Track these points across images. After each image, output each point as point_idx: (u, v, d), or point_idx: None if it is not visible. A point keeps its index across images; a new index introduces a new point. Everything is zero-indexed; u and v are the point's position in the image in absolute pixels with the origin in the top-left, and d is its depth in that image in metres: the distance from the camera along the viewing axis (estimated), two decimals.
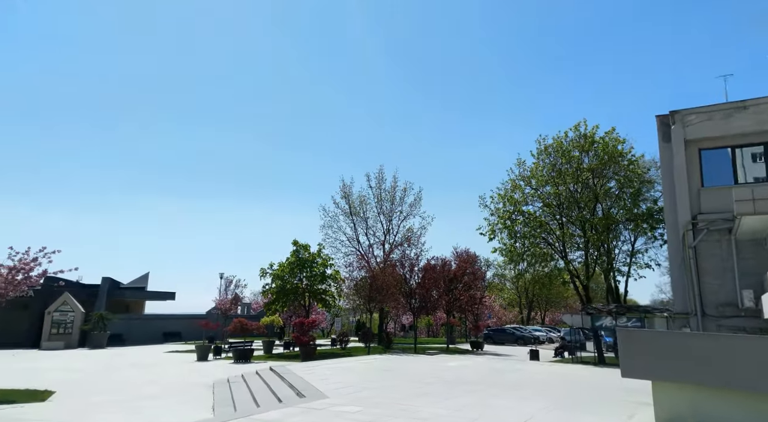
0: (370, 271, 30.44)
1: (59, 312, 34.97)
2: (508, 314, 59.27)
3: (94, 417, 10.11)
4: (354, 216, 35.97)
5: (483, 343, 31.47)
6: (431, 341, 41.95)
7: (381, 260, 34.49)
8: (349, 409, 9.01)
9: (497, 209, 27.29)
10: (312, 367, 16.74)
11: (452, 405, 9.73)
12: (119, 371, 19.23)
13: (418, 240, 35.02)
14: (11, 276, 13.43)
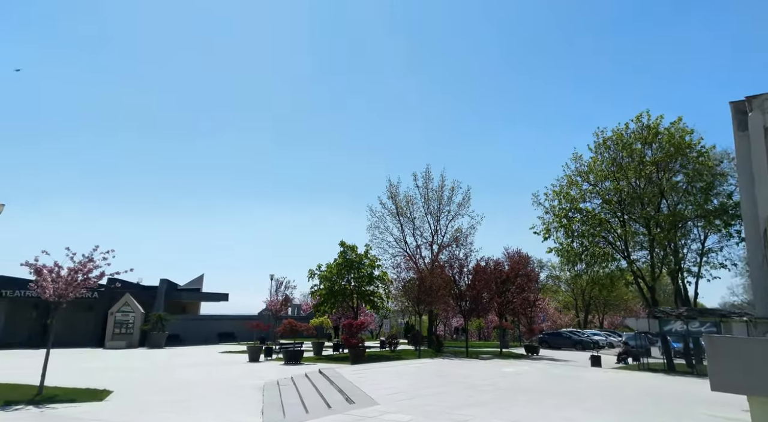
0: (418, 272, 29.81)
1: (121, 313, 36.52)
2: (563, 317, 56.88)
3: (147, 417, 10.10)
4: (401, 217, 35.45)
5: (538, 348, 30.10)
6: (483, 345, 40.75)
7: (429, 261, 33.76)
8: (401, 418, 8.48)
9: (552, 207, 25.99)
10: (362, 371, 16.35)
11: (511, 416, 9.00)
12: (175, 371, 19.60)
13: (466, 241, 34.05)
14: (71, 277, 13.81)
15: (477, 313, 29.46)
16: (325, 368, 16.99)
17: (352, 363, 21.45)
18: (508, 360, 23.90)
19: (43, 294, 13.64)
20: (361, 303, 29.87)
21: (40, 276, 13.61)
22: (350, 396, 10.73)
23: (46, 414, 10.35)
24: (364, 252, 29.76)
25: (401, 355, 26.16)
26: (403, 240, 35.23)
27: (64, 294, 13.80)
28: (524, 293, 30.06)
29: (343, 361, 23.22)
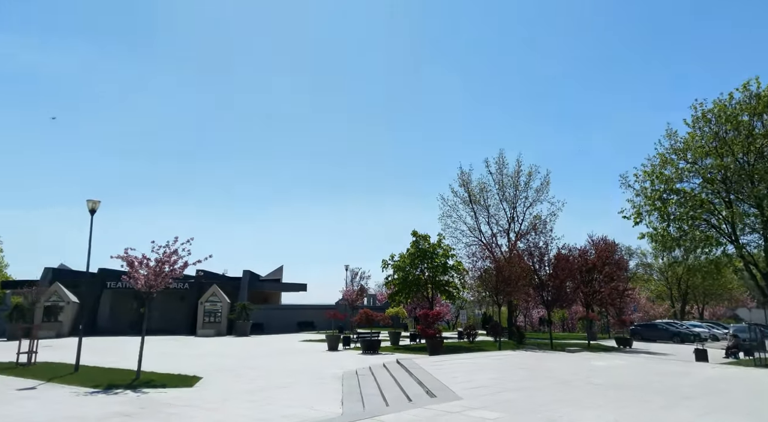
0: (494, 262, 28.68)
1: (210, 303, 38.69)
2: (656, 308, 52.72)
3: (231, 404, 10.26)
4: (474, 205, 34.30)
5: (631, 340, 27.91)
6: (568, 336, 38.67)
7: (506, 250, 32.41)
8: (487, 415, 7.85)
9: (643, 189, 23.77)
10: (440, 362, 15.83)
11: (613, 416, 8.06)
12: (258, 359, 20.21)
13: (546, 228, 32.27)
14: (158, 269, 14.49)
15: (560, 304, 27.84)
16: (403, 358, 16.66)
17: (430, 354, 21.00)
18: (597, 353, 22.29)
19: (136, 284, 14.43)
20: (436, 293, 29.29)
21: (131, 268, 14.41)
22: (431, 389, 10.25)
23: (141, 398, 10.85)
24: (437, 242, 29.11)
25: (480, 346, 25.31)
26: (478, 228, 34.12)
27: (154, 285, 14.50)
28: (613, 282, 27.94)
29: (420, 352, 22.83)
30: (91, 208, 16.94)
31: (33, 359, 17.00)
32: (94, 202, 17.03)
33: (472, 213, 34.19)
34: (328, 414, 9.28)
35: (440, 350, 21.53)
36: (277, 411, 9.55)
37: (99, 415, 9.05)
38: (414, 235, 28.92)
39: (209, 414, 9.30)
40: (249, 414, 9.24)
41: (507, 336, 29.94)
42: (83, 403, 10.33)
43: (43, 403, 10.29)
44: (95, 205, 17.04)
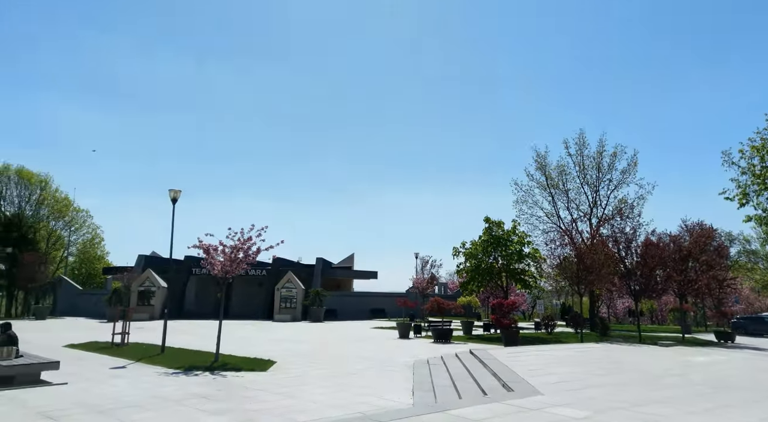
0: (575, 249, 26.97)
1: (285, 289, 40.04)
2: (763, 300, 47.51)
3: (304, 389, 10.25)
4: (552, 189, 32.43)
5: (733, 334, 25.18)
6: (657, 329, 35.84)
7: (588, 236, 30.39)
8: (572, 413, 7.11)
9: (751, 166, 20.92)
10: (517, 354, 15.02)
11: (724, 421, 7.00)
12: (331, 345, 20.44)
13: (633, 212, 29.83)
14: (234, 255, 14.87)
15: (649, 294, 25.70)
16: (477, 349, 16.01)
17: (505, 344, 20.15)
18: (694, 348, 20.27)
19: (213, 270, 14.92)
20: (510, 281, 28.11)
21: (208, 254, 14.91)
22: (507, 382, 9.60)
23: (218, 381, 11.15)
24: (511, 228, 27.84)
25: (560, 338, 23.99)
26: (556, 214, 32.24)
27: (230, 270, 14.92)
28: (712, 271, 25.30)
29: (494, 342, 22.01)
30: (172, 197, 17.79)
31: (126, 340, 18.28)
32: (175, 192, 17.87)
33: (549, 198, 32.38)
34: (399, 404, 8.95)
35: (516, 341, 20.60)
36: (348, 398, 9.38)
37: (179, 396, 9.34)
38: (486, 222, 27.85)
39: (282, 398, 9.31)
40: (321, 400, 9.13)
41: (589, 327, 28.20)
42: (165, 383, 10.78)
43: (131, 382, 10.86)
44: (176, 195, 17.88)
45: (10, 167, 54.21)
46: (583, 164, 32.08)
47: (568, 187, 32.22)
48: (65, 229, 59.49)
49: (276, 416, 7.87)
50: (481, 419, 6.66)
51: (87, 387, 10.22)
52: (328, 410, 8.35)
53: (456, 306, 25.38)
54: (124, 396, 9.30)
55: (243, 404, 8.75)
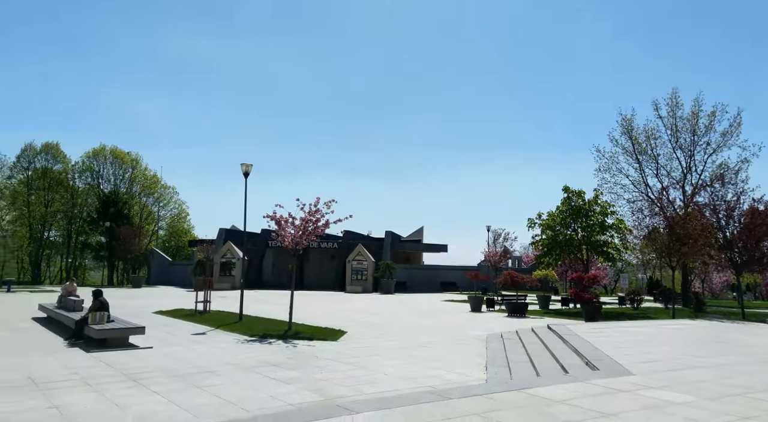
0: (666, 219, 24.66)
1: (356, 261, 40.63)
2: None
3: (374, 361, 10.09)
4: (639, 155, 29.73)
5: None
6: (762, 305, 32.39)
7: (680, 205, 27.70)
8: (671, 397, 6.27)
9: None
10: (600, 330, 13.95)
11: None
12: (402, 317, 20.32)
13: (735, 178, 26.70)
14: (303, 226, 14.93)
15: (753, 267, 23.05)
16: (555, 324, 15.10)
17: (585, 319, 18.99)
18: None
19: (283, 242, 15.10)
20: (591, 254, 26.39)
21: (279, 226, 15.08)
22: (591, 360, 8.79)
23: (290, 349, 11.28)
24: (593, 198, 25.96)
25: (647, 314, 22.26)
26: (643, 182, 29.63)
27: (300, 242, 15.03)
28: None
29: (573, 317, 20.83)
30: (244, 170, 18.17)
31: (208, 308, 19.25)
32: (247, 166, 18.23)
33: (636, 165, 29.75)
34: (471, 379, 8.49)
35: (598, 316, 19.35)
36: (418, 371, 9.07)
37: (252, 363, 9.49)
38: (565, 191, 26.16)
39: (352, 369, 9.17)
40: (391, 372, 8.89)
41: (681, 303, 25.97)
42: (240, 351, 11.07)
43: (208, 349, 11.26)
44: (248, 169, 18.24)
45: (106, 147, 58.98)
46: (675, 127, 29.08)
47: (658, 153, 29.43)
48: (155, 205, 64.20)
49: (345, 386, 7.71)
50: (564, 400, 6.02)
51: (169, 351, 10.71)
52: (398, 382, 8.07)
53: (531, 280, 24.24)
54: (202, 361, 9.60)
55: (313, 373, 8.70)
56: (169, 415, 5.98)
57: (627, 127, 29.66)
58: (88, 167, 58.79)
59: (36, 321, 15.84)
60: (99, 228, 53.33)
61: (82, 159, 58.87)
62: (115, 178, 59.49)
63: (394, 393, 7.29)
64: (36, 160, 57.03)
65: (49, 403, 6.40)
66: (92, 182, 59.13)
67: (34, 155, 56.73)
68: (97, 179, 59.10)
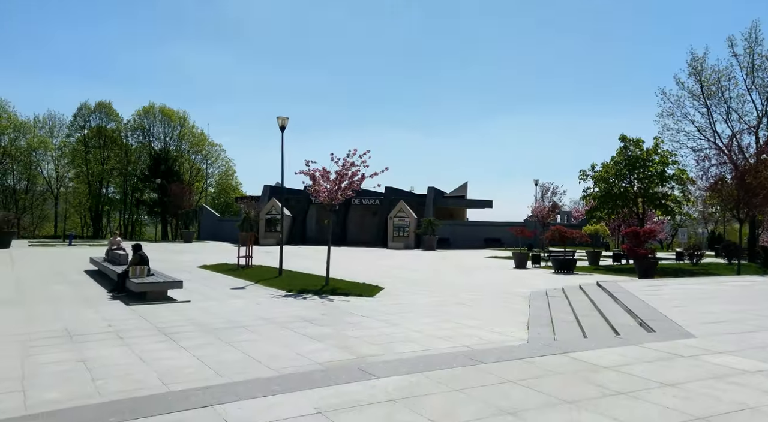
0: (734, 168, 22.54)
1: (398, 218, 40.30)
2: None
3: (409, 317, 9.74)
4: (708, 99, 27.02)
5: None
6: None
7: (753, 152, 25.21)
8: (739, 364, 5.49)
9: None
10: (656, 287, 12.96)
11: None
12: (441, 273, 19.91)
13: None
14: (338, 181, 14.47)
15: None
16: (605, 281, 14.19)
17: (639, 276, 17.89)
18: None
19: (318, 197, 14.76)
20: (648, 208, 24.69)
21: (313, 181, 14.70)
22: (645, 320, 8.01)
23: (325, 305, 11.10)
24: (652, 147, 23.96)
25: (708, 270, 20.81)
26: (711, 128, 27.09)
27: (335, 197, 14.64)
28: None
29: (625, 274, 19.74)
30: (281, 124, 17.75)
31: (250, 262, 19.51)
32: (283, 119, 17.79)
33: (704, 110, 27.13)
34: (511, 339, 7.97)
35: (653, 273, 18.19)
36: (455, 330, 8.62)
37: (285, 319, 9.34)
38: (622, 140, 24.23)
39: (386, 326, 8.85)
40: (425, 330, 8.49)
41: (747, 258, 24.11)
42: (275, 305, 10.99)
43: (245, 303, 11.25)
44: (284, 122, 17.80)
45: (154, 106, 60.34)
46: (752, 66, 26.06)
47: (730, 95, 26.62)
48: (203, 162, 65.84)
49: (376, 345, 7.37)
50: (614, 366, 5.38)
51: (206, 305, 10.77)
52: (432, 341, 7.66)
53: (581, 235, 22.95)
54: (236, 316, 9.54)
55: (345, 330, 8.43)
56: (192, 371, 5.83)
57: (697, 67, 26.81)
58: (139, 125, 60.61)
59: (88, 274, 16.53)
60: (151, 185, 55.43)
61: (133, 117, 60.72)
62: (164, 135, 61.14)
63: (427, 352, 6.89)
64: (91, 119, 59.31)
65: (79, 356, 6.40)
66: (143, 140, 61.08)
67: (88, 114, 58.94)
68: (148, 137, 60.96)
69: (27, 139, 55.94)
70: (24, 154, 55.85)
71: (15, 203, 56.39)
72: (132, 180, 59.92)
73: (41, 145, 57.09)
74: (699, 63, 26.79)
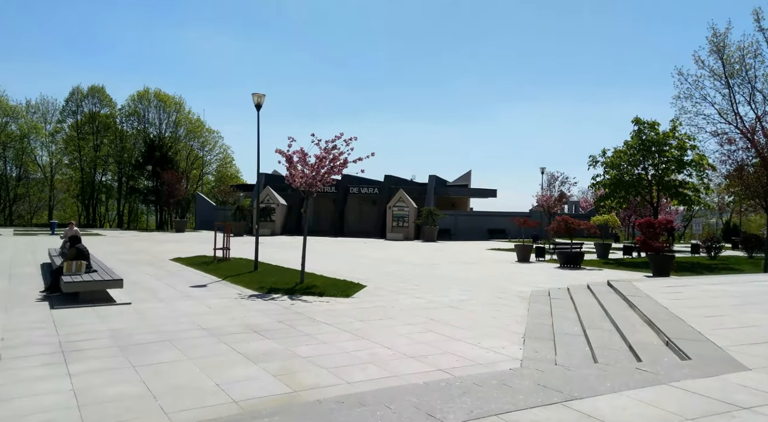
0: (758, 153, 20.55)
1: (397, 208, 38.55)
2: None
3: (385, 326, 8.13)
4: (730, 79, 24.87)
5: None
6: None
7: None
8: None
9: None
10: (676, 288, 11.17)
11: None
12: (437, 267, 18.24)
13: None
14: (318, 166, 12.77)
15: None
16: (617, 280, 12.42)
17: (654, 273, 16.14)
18: None
19: (293, 182, 13.07)
20: (663, 196, 22.77)
21: (290, 164, 13.00)
22: (673, 338, 6.28)
23: (289, 309, 9.48)
24: (669, 130, 21.96)
25: (728, 265, 18.98)
26: (733, 110, 24.92)
27: (312, 183, 12.95)
28: None
29: (638, 269, 17.99)
30: (256, 102, 16.06)
31: (227, 255, 17.94)
32: (259, 96, 16.09)
33: (725, 90, 24.95)
34: (501, 359, 6.32)
35: (669, 269, 16.40)
36: (434, 344, 7.00)
37: (231, 329, 7.76)
38: (636, 123, 22.24)
39: (350, 339, 7.23)
40: (397, 346, 6.87)
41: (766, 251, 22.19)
42: (228, 309, 9.38)
43: (195, 306, 9.66)
44: (260, 99, 16.11)
45: (149, 90, 58.65)
46: None
47: (756, 73, 24.43)
48: (201, 150, 64.27)
49: (327, 369, 5.74)
50: None
51: (147, 309, 9.17)
52: (401, 364, 6.01)
53: (589, 227, 21.10)
54: (172, 324, 7.95)
55: (297, 346, 6.81)
56: (47, 418, 4.20)
57: (718, 44, 24.59)
58: (134, 111, 58.98)
59: (43, 268, 15.02)
60: (145, 173, 53.96)
61: (127, 102, 59.08)
62: (160, 121, 59.52)
63: (389, 382, 5.25)
64: (83, 104, 57.72)
65: None
66: (138, 126, 59.51)
67: (81, 98, 57.34)
68: (143, 123, 59.38)
69: (18, 124, 54.51)
70: (16, 140, 54.47)
71: (7, 191, 55.24)
72: (126, 167, 58.53)
73: (32, 131, 55.64)
74: (721, 39, 24.61)
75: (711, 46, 24.87)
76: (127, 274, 13.55)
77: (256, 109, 16.04)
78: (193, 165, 63.27)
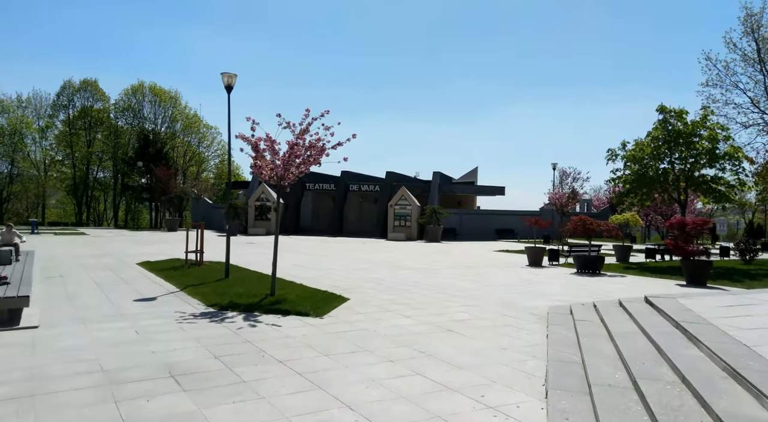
0: None
1: (399, 206, 36.35)
2: None
3: (355, 364, 6.09)
4: (765, 64, 22.41)
5: None
6: None
7: None
8: None
9: None
10: (740, 308, 8.84)
11: None
12: (436, 273, 16.03)
13: None
14: (289, 155, 10.62)
15: None
16: (656, 296, 10.11)
17: (688, 282, 13.92)
18: None
19: (260, 174, 10.94)
20: (693, 193, 20.39)
21: (256, 152, 10.87)
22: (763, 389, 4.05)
23: (234, 337, 7.35)
24: (699, 119, 19.58)
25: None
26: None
27: (283, 176, 10.81)
28: None
29: (665, 275, 15.77)
30: (226, 83, 13.93)
31: (199, 258, 15.90)
32: (229, 76, 13.95)
33: (759, 77, 22.48)
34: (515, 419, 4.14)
35: (706, 277, 14.14)
36: (418, 400, 4.91)
37: (144, 370, 5.70)
38: (661, 111, 19.86)
39: (298, 391, 5.13)
40: (362, 404, 4.75)
41: None
42: (159, 336, 7.29)
43: (120, 329, 7.63)
44: (231, 81, 13.97)
45: (144, 84, 56.77)
46: None
47: None
48: (199, 146, 62.39)
49: None
50: None
51: (49, 337, 7.09)
52: None
53: (610, 228, 18.81)
54: (60, 365, 5.87)
55: (217, 406, 4.69)
56: None
57: (753, 25, 22.07)
58: (128, 105, 57.12)
59: None
60: (137, 169, 52.14)
61: (121, 96, 57.24)
62: (155, 116, 57.66)
63: None
64: (75, 98, 55.92)
65: None
66: (133, 122, 57.68)
67: (73, 92, 55.53)
68: (138, 118, 57.54)
69: (8, 119, 52.76)
70: (7, 135, 52.76)
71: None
72: (121, 163, 56.79)
73: (21, 125, 53.85)
74: (756, 20, 22.10)
75: (744, 26, 22.39)
76: (70, 284, 11.55)
77: (226, 91, 13.93)
78: (191, 161, 61.42)
